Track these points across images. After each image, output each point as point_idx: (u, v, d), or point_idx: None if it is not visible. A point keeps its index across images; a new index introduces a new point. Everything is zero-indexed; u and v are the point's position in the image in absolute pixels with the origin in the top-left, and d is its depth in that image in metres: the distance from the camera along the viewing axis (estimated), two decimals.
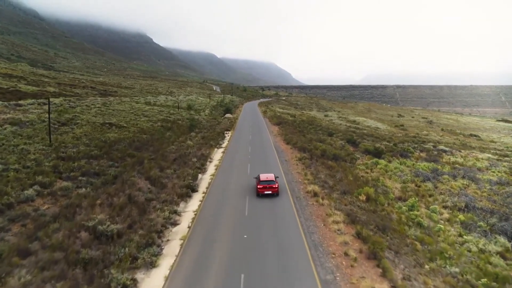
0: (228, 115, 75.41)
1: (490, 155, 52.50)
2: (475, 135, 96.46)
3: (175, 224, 16.61)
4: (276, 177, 21.37)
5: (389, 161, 41.06)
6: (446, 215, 23.35)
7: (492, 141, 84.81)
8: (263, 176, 21.25)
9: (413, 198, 24.89)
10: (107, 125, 39.10)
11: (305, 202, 19.40)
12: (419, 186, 31.19)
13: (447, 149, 55.58)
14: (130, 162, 25.77)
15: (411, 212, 22.28)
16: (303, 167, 27.48)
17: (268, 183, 20.50)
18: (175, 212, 17.71)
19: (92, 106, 51.87)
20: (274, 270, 12.24)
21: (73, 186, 20.27)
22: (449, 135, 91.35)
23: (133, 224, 15.21)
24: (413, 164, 40.90)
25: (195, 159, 28.41)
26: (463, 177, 35.97)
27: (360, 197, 21.67)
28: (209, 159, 30.68)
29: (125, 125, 40.99)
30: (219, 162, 29.87)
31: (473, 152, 55.46)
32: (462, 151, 55.97)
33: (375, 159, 39.98)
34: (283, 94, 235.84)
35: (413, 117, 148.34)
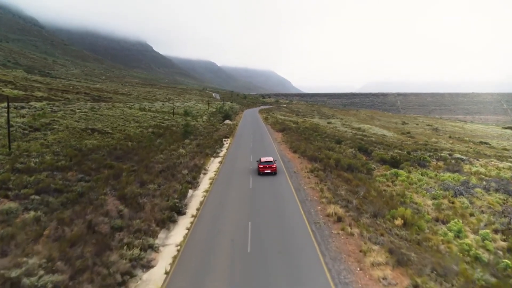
0: (227, 121, 70.81)
1: (511, 164, 47.85)
2: (485, 143, 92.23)
3: (148, 266, 11.64)
4: (274, 160, 26.01)
5: (409, 172, 36.37)
6: (501, 243, 18.41)
7: (504, 149, 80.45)
8: (263, 159, 26.09)
9: (456, 221, 20.02)
10: (89, 131, 34.35)
11: (327, 230, 14.45)
12: (453, 202, 26.28)
13: (464, 157, 51.07)
14: (105, 175, 20.92)
15: (460, 241, 17.41)
16: (316, 180, 22.58)
17: (268, 164, 25.00)
18: (151, 247, 12.77)
19: (78, 110, 47.26)
20: None
21: (21, 208, 15.39)
22: (459, 143, 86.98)
23: (83, 271, 10.26)
24: (436, 175, 36.14)
25: (186, 171, 23.54)
26: (497, 190, 31.19)
27: (396, 222, 16.78)
28: (203, 171, 25.80)
29: (110, 131, 36.24)
30: (215, 174, 24.98)
31: (491, 161, 50.94)
32: (480, 159, 51.48)
33: (393, 170, 35.20)
34: (284, 101, 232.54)
35: (417, 125, 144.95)
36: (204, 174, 25.19)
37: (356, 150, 46.22)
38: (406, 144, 64.16)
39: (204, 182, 22.73)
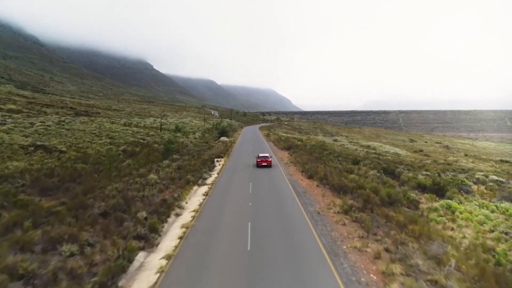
0: (223, 138, 62.09)
1: None
2: (506, 161, 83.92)
3: None
4: (270, 156, 31.83)
5: (460, 202, 27.24)
6: None
7: None
8: (261, 154, 32.32)
9: None
10: (33, 147, 25.53)
11: None
12: None
13: (503, 180, 41.93)
14: None
15: None
16: (360, 231, 13.40)
17: (264, 158, 30.84)
18: None
19: (40, 124, 38.68)
20: None
21: None
22: (480, 162, 78.43)
23: None
24: (496, 206, 26.97)
25: (143, 213, 14.40)
26: None
27: None
28: (176, 209, 16.60)
29: (64, 148, 27.40)
30: (193, 217, 15.73)
31: None
32: None
33: (443, 201, 26.04)
34: (285, 119, 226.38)
35: (426, 142, 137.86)
36: (177, 215, 15.96)
37: (380, 173, 37.17)
38: (428, 165, 55.81)
39: (171, 235, 13.41)
